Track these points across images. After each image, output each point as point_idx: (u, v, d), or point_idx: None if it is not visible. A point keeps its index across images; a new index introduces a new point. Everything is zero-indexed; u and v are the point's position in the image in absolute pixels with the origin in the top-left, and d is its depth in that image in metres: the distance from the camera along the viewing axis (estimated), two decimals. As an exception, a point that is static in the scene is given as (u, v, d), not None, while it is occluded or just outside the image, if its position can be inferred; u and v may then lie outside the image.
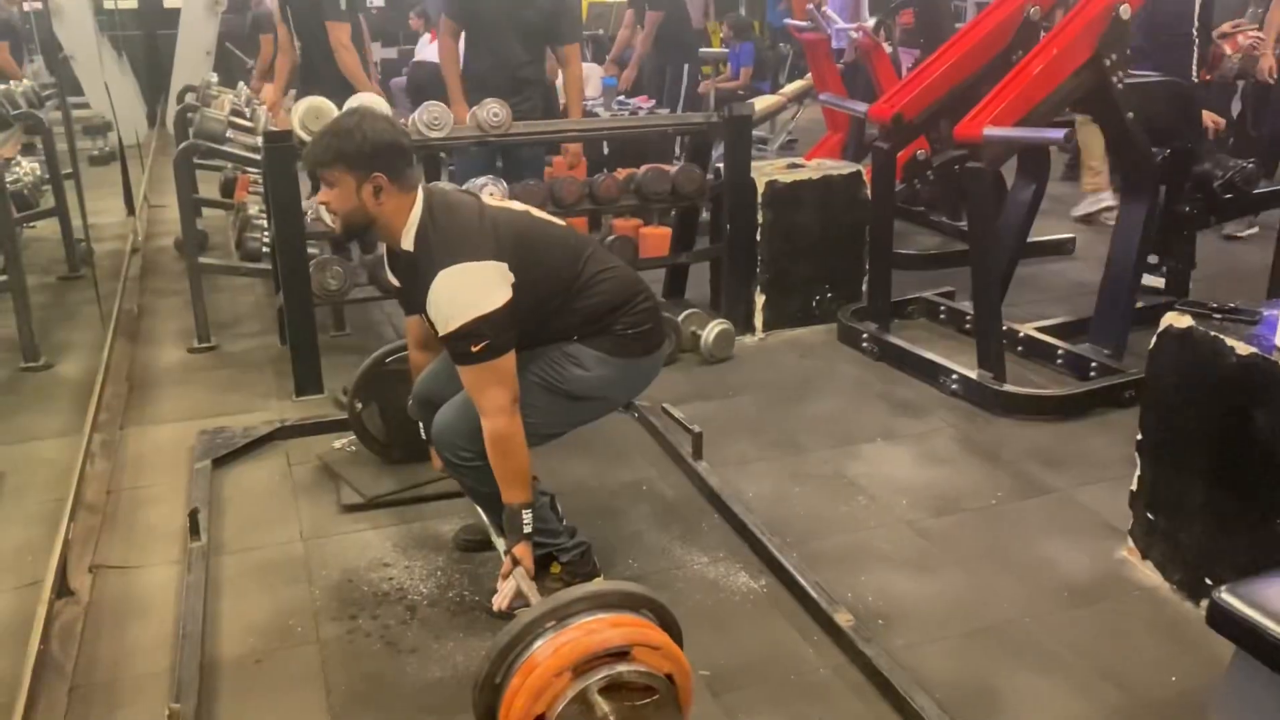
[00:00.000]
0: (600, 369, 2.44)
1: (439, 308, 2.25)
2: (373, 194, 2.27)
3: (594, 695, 1.79)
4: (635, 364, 2.51)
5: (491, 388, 2.26)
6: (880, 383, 3.97)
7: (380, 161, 2.25)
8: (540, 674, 1.79)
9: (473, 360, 2.24)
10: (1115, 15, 3.59)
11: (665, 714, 1.85)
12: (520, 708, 1.80)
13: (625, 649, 1.83)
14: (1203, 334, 2.43)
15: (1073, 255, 5.57)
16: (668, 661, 1.87)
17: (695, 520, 2.99)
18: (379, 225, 2.33)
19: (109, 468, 3.32)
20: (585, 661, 1.81)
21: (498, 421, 2.26)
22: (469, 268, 2.24)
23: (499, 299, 2.25)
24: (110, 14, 10.01)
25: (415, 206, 2.31)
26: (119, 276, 5.20)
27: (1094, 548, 2.81)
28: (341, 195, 2.29)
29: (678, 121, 5.00)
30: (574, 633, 1.84)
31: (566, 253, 2.46)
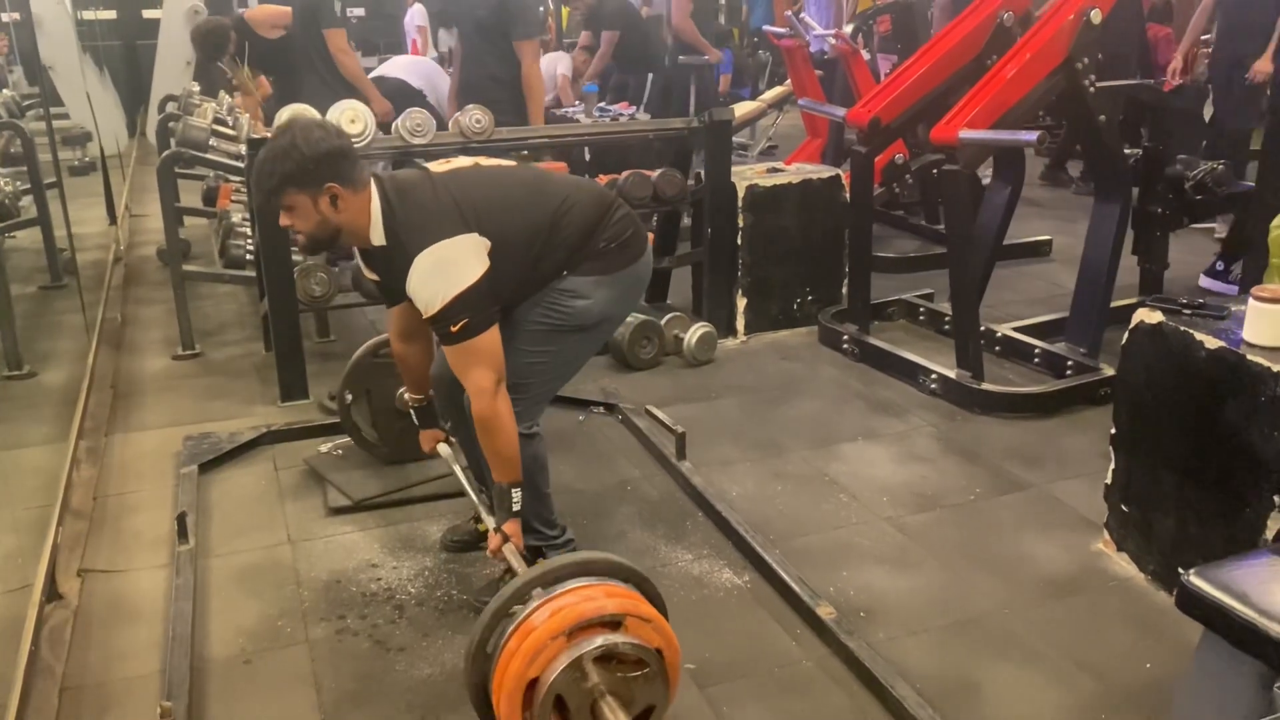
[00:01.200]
0: (600, 291, 2.47)
1: (418, 293, 2.27)
2: (330, 204, 2.26)
3: (588, 663, 1.82)
4: (629, 273, 2.53)
5: (475, 368, 2.28)
6: (860, 383, 4.02)
7: (327, 170, 2.23)
8: (537, 637, 1.82)
9: (454, 340, 2.26)
10: (1086, 20, 3.65)
11: (654, 688, 1.88)
12: (516, 670, 1.82)
13: (619, 618, 1.86)
14: (1173, 329, 2.49)
15: (1050, 257, 5.65)
16: (658, 636, 1.90)
17: (679, 519, 3.03)
18: (345, 231, 2.33)
19: (95, 474, 3.33)
20: (581, 627, 1.83)
21: (482, 401, 2.28)
22: (442, 247, 2.25)
23: (474, 273, 2.26)
24: (89, 24, 9.99)
25: (373, 201, 2.31)
26: (102, 285, 5.20)
27: (1070, 541, 2.86)
28: (301, 215, 2.28)
29: (659, 128, 5.04)
30: (570, 597, 1.87)
31: (529, 193, 2.47)
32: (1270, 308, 2.28)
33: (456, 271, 2.25)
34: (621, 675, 1.85)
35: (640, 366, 4.15)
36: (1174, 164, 4.30)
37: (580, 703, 1.83)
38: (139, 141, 9.79)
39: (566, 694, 1.82)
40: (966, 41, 4.10)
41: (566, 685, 1.82)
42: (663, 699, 1.91)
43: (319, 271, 3.96)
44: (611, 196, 2.57)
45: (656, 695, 1.89)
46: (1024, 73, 3.65)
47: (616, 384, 3.96)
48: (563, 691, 1.82)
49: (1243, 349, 2.31)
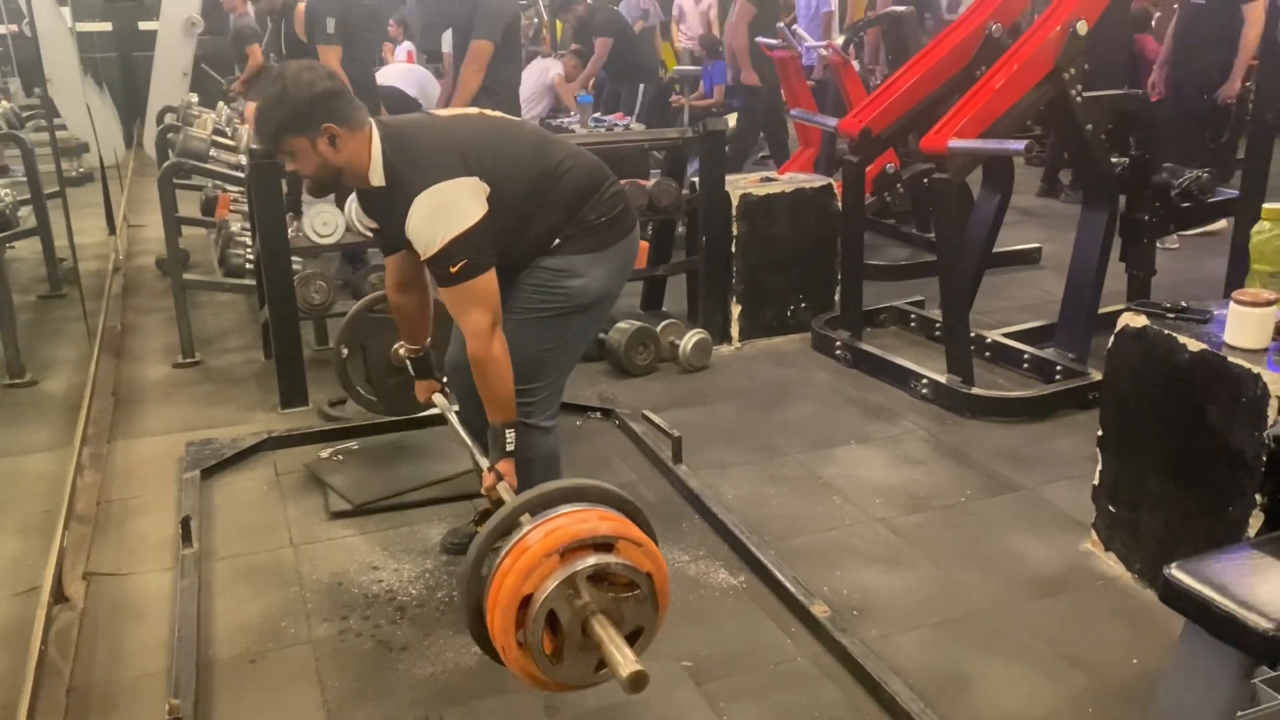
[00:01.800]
0: (595, 268, 2.49)
1: (417, 234, 2.28)
2: (329, 145, 2.28)
3: (581, 581, 1.86)
4: (621, 248, 2.55)
5: (472, 309, 2.29)
6: (853, 388, 4.08)
7: (321, 111, 2.26)
8: (531, 555, 1.85)
9: (452, 281, 2.27)
10: (1073, 31, 3.73)
11: (644, 610, 1.92)
12: (510, 586, 1.86)
13: (611, 541, 1.90)
14: (1157, 332, 2.55)
15: (1039, 264, 5.72)
16: (649, 560, 1.94)
17: (676, 521, 3.08)
18: (346, 172, 2.34)
19: (99, 479, 3.37)
20: (574, 547, 1.87)
21: (478, 343, 2.29)
22: (442, 188, 2.26)
23: (474, 215, 2.27)
24: (86, 36, 10.04)
25: (373, 141, 2.33)
26: (102, 294, 5.24)
27: (1059, 541, 2.92)
28: (303, 159, 2.30)
29: (655, 137, 5.11)
30: (564, 519, 1.91)
31: (530, 145, 2.49)
32: (1250, 311, 2.34)
33: (456, 213, 2.26)
34: (613, 596, 1.89)
35: (637, 372, 4.20)
36: (1160, 172, 4.36)
37: (572, 620, 1.86)
38: (136, 152, 9.84)
39: (559, 610, 1.85)
40: (956, 52, 4.17)
41: (559, 602, 1.85)
42: (652, 622, 1.95)
43: (318, 279, 4.02)
44: (607, 171, 2.58)
45: (646, 618, 1.93)
46: (1012, 83, 3.72)
47: (613, 389, 4.02)
48: (555, 607, 1.85)
49: (1224, 351, 2.37)
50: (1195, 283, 5.08)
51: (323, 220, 3.99)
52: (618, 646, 1.83)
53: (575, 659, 1.91)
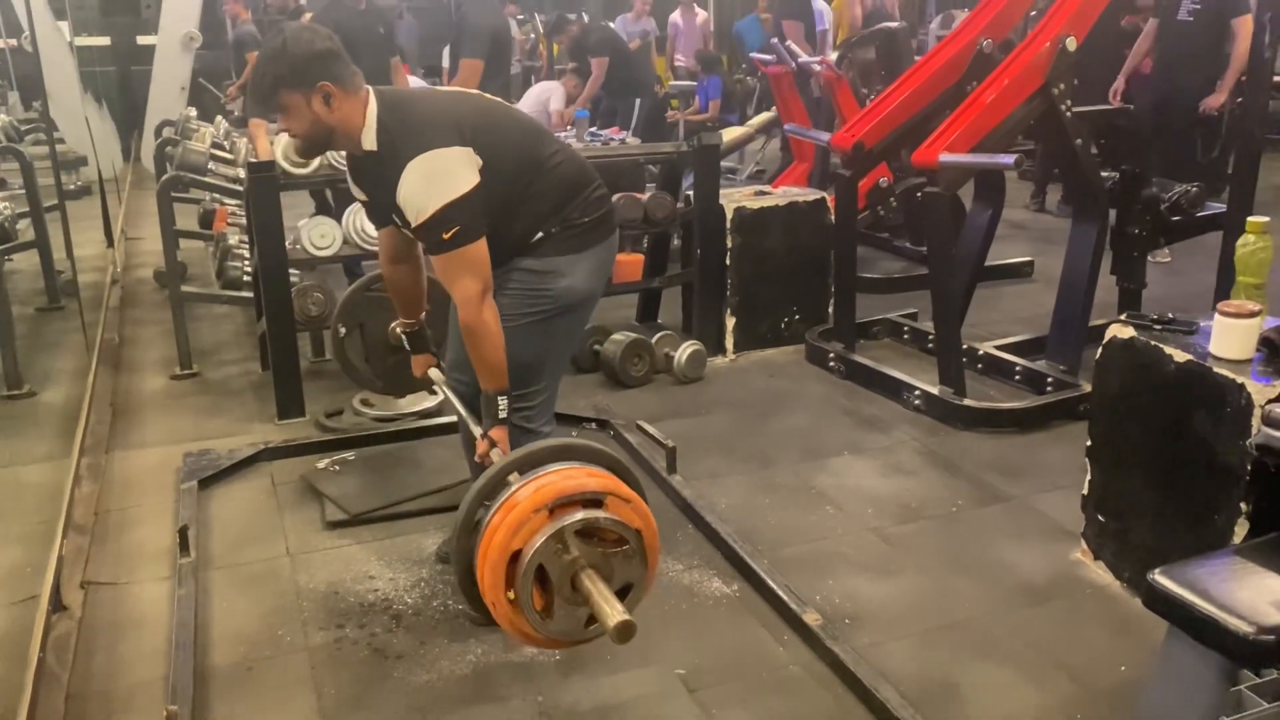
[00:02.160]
0: (578, 268, 2.49)
1: (409, 199, 2.28)
2: (323, 103, 2.29)
3: (569, 536, 1.88)
4: (602, 249, 2.57)
5: (464, 276, 2.30)
6: (847, 400, 4.11)
7: (319, 69, 2.27)
8: (520, 510, 1.88)
9: (445, 248, 2.28)
10: (1062, 47, 3.77)
11: (632, 566, 1.95)
12: (499, 542, 1.88)
13: (600, 497, 1.93)
14: (1144, 343, 2.59)
15: (1032, 278, 5.76)
16: (638, 517, 1.96)
17: (670, 530, 3.10)
18: (339, 133, 2.34)
19: (96, 490, 3.39)
20: (563, 502, 1.89)
21: (469, 310, 2.31)
22: (435, 155, 2.27)
23: (468, 182, 2.28)
24: (84, 50, 10.09)
25: (369, 106, 2.34)
26: (100, 306, 5.27)
27: (1049, 550, 2.95)
28: (296, 116, 2.31)
29: (650, 152, 5.16)
30: (553, 476, 1.94)
31: (524, 132, 2.51)
32: (1234, 322, 2.38)
33: (449, 180, 2.27)
34: (602, 551, 1.91)
35: (632, 384, 4.23)
36: (1150, 186, 4.41)
37: (561, 575, 1.88)
38: (134, 166, 9.88)
39: (548, 565, 1.87)
40: (947, 68, 4.21)
41: (548, 557, 1.87)
42: (641, 578, 1.97)
43: (316, 291, 4.05)
44: (595, 173, 2.60)
45: (635, 574, 1.95)
46: (1002, 98, 3.77)
47: (609, 400, 4.05)
48: (545, 562, 1.87)
49: (1209, 362, 2.40)
50: (1186, 295, 5.11)
51: (320, 233, 4.02)
52: (606, 599, 1.85)
53: (565, 614, 1.92)
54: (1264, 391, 2.26)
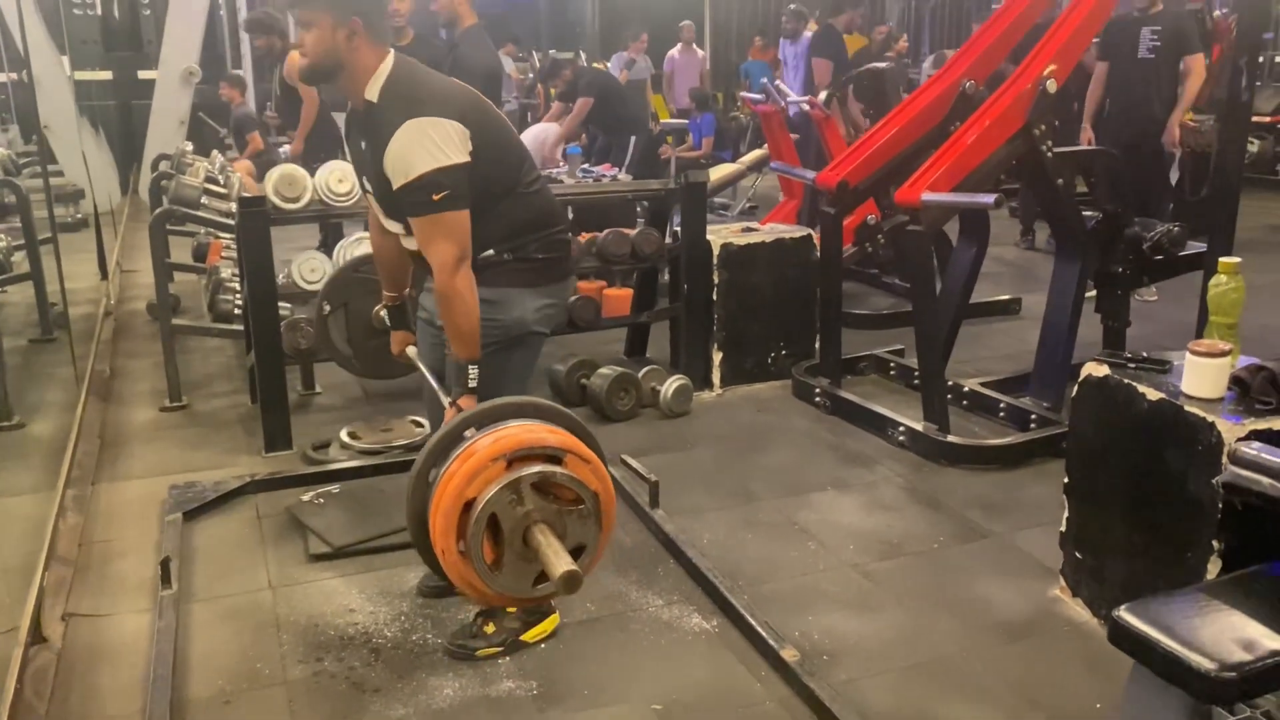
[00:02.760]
0: (528, 303, 2.50)
1: (400, 156, 2.30)
2: (346, 38, 2.34)
3: (525, 487, 1.87)
4: (555, 290, 2.58)
5: (442, 241, 2.32)
6: (831, 435, 4.13)
7: (358, 4, 2.34)
8: (478, 459, 1.87)
9: (431, 209, 2.30)
10: (1043, 89, 3.84)
11: (587, 528, 1.94)
12: (453, 489, 1.87)
13: (559, 454, 1.92)
14: (1118, 382, 2.62)
15: (1019, 315, 5.80)
16: (597, 480, 1.96)
17: (651, 565, 3.11)
18: (346, 72, 2.38)
19: (81, 521, 3.40)
20: (521, 455, 1.89)
21: (444, 276, 2.32)
22: (434, 121, 2.31)
23: (459, 155, 2.32)
24: (85, 84, 10.19)
25: (385, 62, 2.39)
26: (92, 338, 5.30)
27: (1028, 588, 2.96)
28: (315, 37, 2.35)
29: (638, 189, 5.21)
30: (513, 429, 1.94)
31: (514, 148, 2.54)
32: (1205, 361, 2.41)
33: (447, 145, 2.30)
34: (557, 508, 1.90)
35: (618, 418, 4.25)
36: (1133, 225, 4.46)
37: (514, 528, 1.87)
38: (131, 199, 9.95)
39: (501, 516, 1.85)
40: (931, 108, 4.28)
41: (502, 507, 1.85)
42: (594, 540, 1.96)
43: (305, 324, 4.07)
44: (564, 217, 2.64)
45: (589, 535, 1.94)
46: (984, 138, 3.82)
47: (594, 434, 4.05)
48: (498, 512, 1.85)
49: (1181, 400, 2.43)
50: (1170, 334, 5.15)
51: (310, 266, 4.06)
52: (556, 551, 1.84)
53: (515, 569, 1.91)
54: (1234, 430, 2.28)
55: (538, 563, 1.89)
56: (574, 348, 4.73)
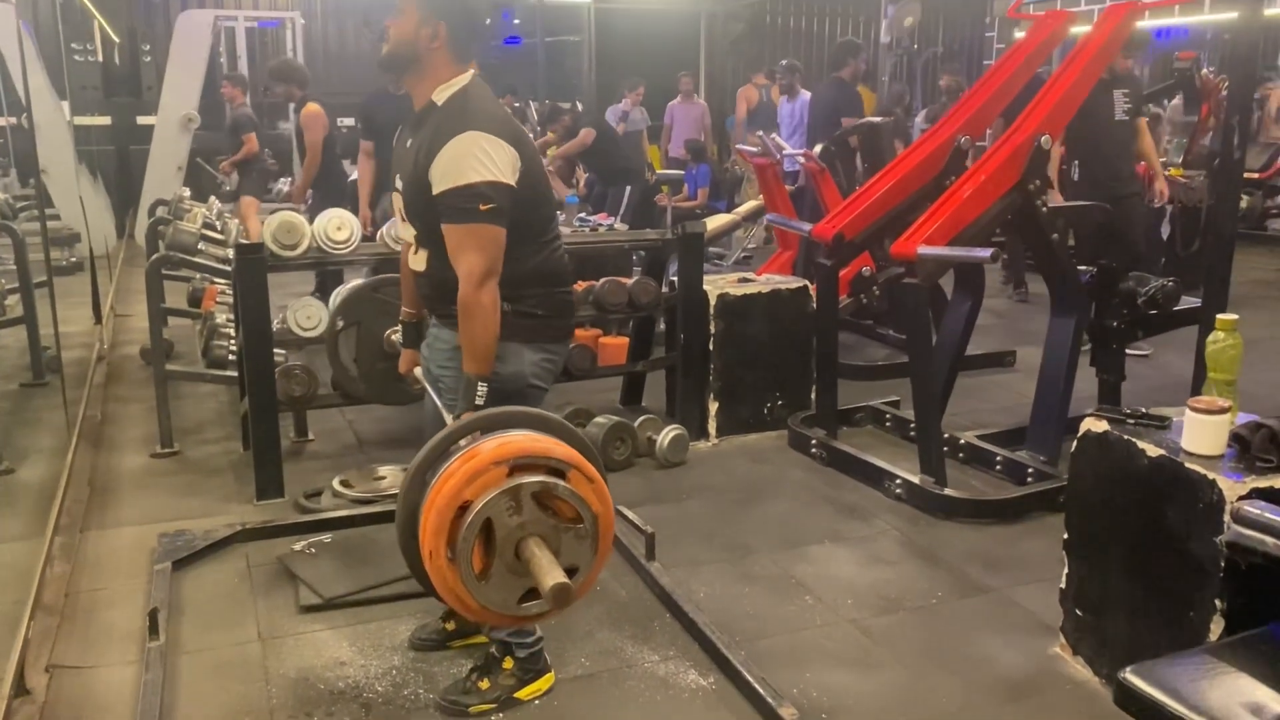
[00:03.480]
0: (524, 358, 2.45)
1: (454, 160, 2.30)
2: (429, 37, 2.37)
3: (525, 496, 1.80)
4: (551, 349, 2.54)
5: (475, 253, 2.30)
6: (828, 487, 4.11)
7: (450, 9, 2.38)
8: (480, 461, 1.81)
9: (474, 218, 2.29)
10: (1037, 145, 3.88)
11: (583, 549, 1.87)
12: (451, 489, 1.80)
13: (564, 467, 1.86)
14: (1118, 438, 2.61)
15: (1014, 368, 5.81)
16: (598, 500, 1.90)
17: (647, 620, 3.07)
18: (418, 69, 2.41)
19: (68, 570, 3.35)
20: (525, 463, 1.83)
21: (469, 287, 2.30)
22: (494, 139, 2.32)
23: (510, 178, 2.33)
24: (85, 129, 10.25)
25: (463, 76, 2.42)
26: (84, 383, 5.27)
27: (1028, 645, 2.93)
28: (402, 25, 2.39)
29: (635, 238, 5.23)
30: (519, 437, 1.89)
31: (548, 199, 2.56)
32: (1205, 418, 2.40)
33: (498, 164, 2.31)
34: (554, 524, 1.84)
35: (614, 467, 4.23)
36: (1127, 280, 4.48)
37: (507, 537, 1.81)
38: (127, 243, 9.96)
39: (496, 523, 1.79)
40: (927, 162, 4.32)
41: (498, 514, 1.79)
42: (589, 564, 1.90)
43: (299, 371, 4.06)
44: (571, 278, 2.64)
45: (583, 558, 1.87)
46: (980, 193, 3.85)
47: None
48: (493, 518, 1.79)
49: (1181, 457, 2.42)
50: (1165, 388, 5.18)
51: (306, 314, 4.05)
52: (548, 562, 1.78)
53: (502, 582, 1.83)
54: (1235, 488, 2.27)
55: (527, 578, 1.83)
56: (570, 396, 4.72)
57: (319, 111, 6.30)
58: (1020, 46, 4.61)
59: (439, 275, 2.45)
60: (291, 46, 11.25)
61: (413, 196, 2.45)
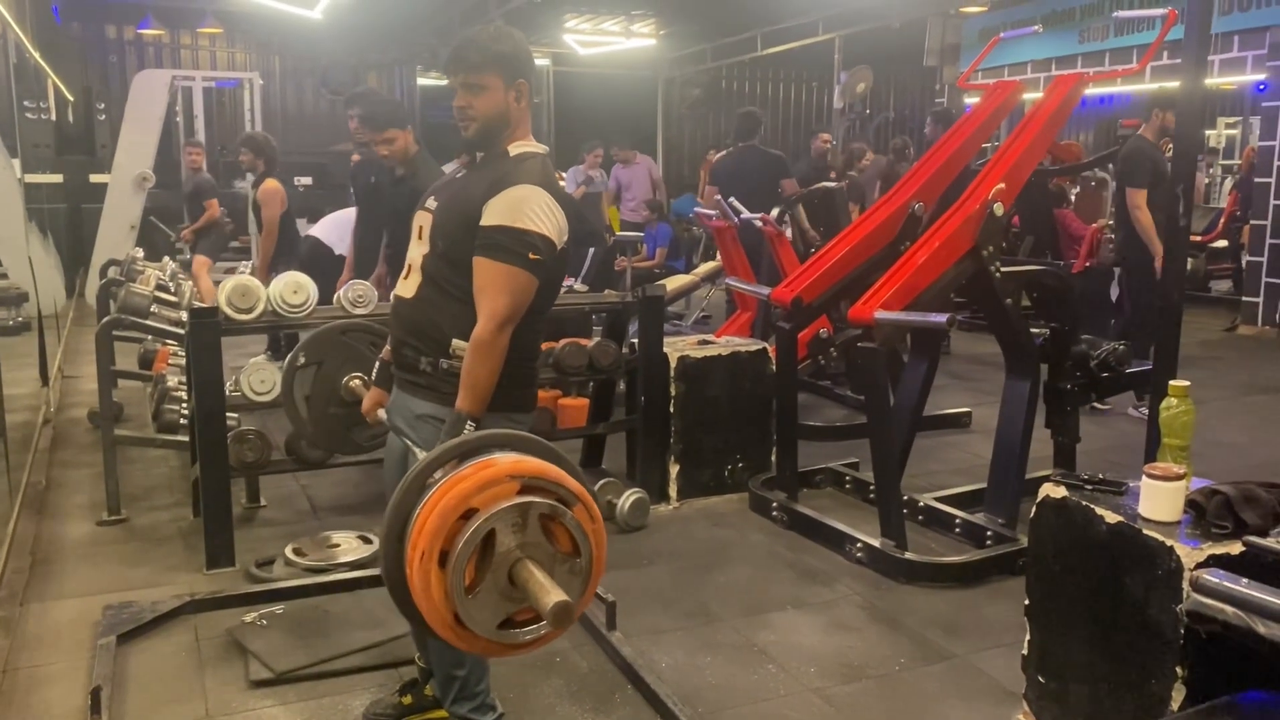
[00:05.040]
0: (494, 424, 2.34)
1: (516, 203, 2.30)
2: (516, 98, 2.40)
3: (532, 516, 1.79)
4: (522, 416, 2.49)
5: (505, 295, 2.30)
6: (790, 551, 4.09)
7: (527, 67, 2.43)
8: (495, 471, 1.81)
9: (518, 262, 2.28)
10: (990, 211, 3.95)
11: (573, 585, 1.85)
12: (460, 492, 1.79)
13: (573, 499, 1.86)
14: (1076, 504, 2.62)
15: (969, 428, 5.86)
16: (597, 542, 1.89)
17: (608, 692, 3.02)
18: (507, 130, 2.43)
19: (7, 645, 3.23)
20: (539, 485, 1.83)
21: (489, 325, 2.29)
22: (556, 206, 2.36)
23: (559, 242, 2.37)
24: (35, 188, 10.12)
25: (539, 146, 2.46)
26: (29, 447, 5.13)
27: (991, 712, 2.91)
28: (488, 99, 2.38)
29: (595, 300, 5.24)
30: (536, 460, 1.89)
31: (560, 282, 2.57)
32: (1161, 484, 2.43)
33: (555, 225, 2.34)
34: (552, 552, 1.83)
35: (573, 534, 4.17)
36: (1080, 343, 4.56)
37: (505, 554, 1.79)
38: (77, 302, 9.80)
39: (498, 538, 1.77)
40: (882, 228, 4.38)
41: (502, 528, 1.77)
42: (577, 599, 1.87)
43: (251, 437, 3.98)
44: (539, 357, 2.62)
45: (573, 593, 1.84)
46: (935, 258, 3.91)
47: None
48: (496, 529, 1.77)
49: (1139, 524, 2.44)
50: (1119, 449, 5.26)
51: (260, 378, 3.99)
52: (548, 583, 1.77)
53: (488, 602, 1.81)
54: (1193, 555, 2.28)
55: (513, 604, 1.81)
56: (528, 460, 4.67)
57: (277, 188, 6.28)
58: (974, 113, 4.72)
59: (425, 308, 2.43)
60: (249, 106, 11.24)
61: (449, 219, 2.41)
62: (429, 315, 2.43)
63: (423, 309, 2.45)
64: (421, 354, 2.44)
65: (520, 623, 1.89)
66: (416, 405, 2.46)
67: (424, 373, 2.44)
